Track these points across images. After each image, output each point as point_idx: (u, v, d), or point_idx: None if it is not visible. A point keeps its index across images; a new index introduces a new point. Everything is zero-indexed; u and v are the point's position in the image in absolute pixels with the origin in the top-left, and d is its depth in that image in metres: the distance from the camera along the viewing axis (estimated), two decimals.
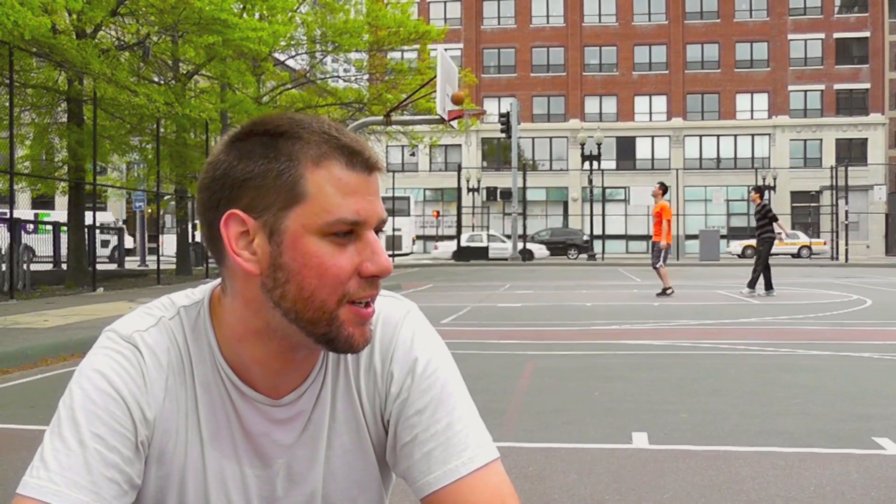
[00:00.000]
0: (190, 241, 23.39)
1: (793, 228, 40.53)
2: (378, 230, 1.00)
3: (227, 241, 0.97)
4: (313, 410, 1.08)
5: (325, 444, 1.09)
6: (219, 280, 1.08)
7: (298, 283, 0.96)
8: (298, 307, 0.97)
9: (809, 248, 37.77)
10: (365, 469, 1.11)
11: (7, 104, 14.78)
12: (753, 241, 41.49)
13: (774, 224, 14.84)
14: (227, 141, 1.01)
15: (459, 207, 38.76)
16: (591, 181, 36.88)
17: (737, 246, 41.66)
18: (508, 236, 38.56)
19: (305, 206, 0.96)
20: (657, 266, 14.61)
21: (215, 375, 1.05)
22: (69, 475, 0.96)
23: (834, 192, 35.35)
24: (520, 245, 35.98)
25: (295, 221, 0.96)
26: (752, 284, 14.90)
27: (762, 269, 14.76)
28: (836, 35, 51.49)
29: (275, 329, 1.00)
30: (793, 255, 37.17)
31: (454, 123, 20.90)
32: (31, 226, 24.29)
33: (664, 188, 14.68)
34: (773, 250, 16.37)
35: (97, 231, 21.47)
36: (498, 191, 49.30)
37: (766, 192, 15.29)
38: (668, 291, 14.36)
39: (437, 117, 20.10)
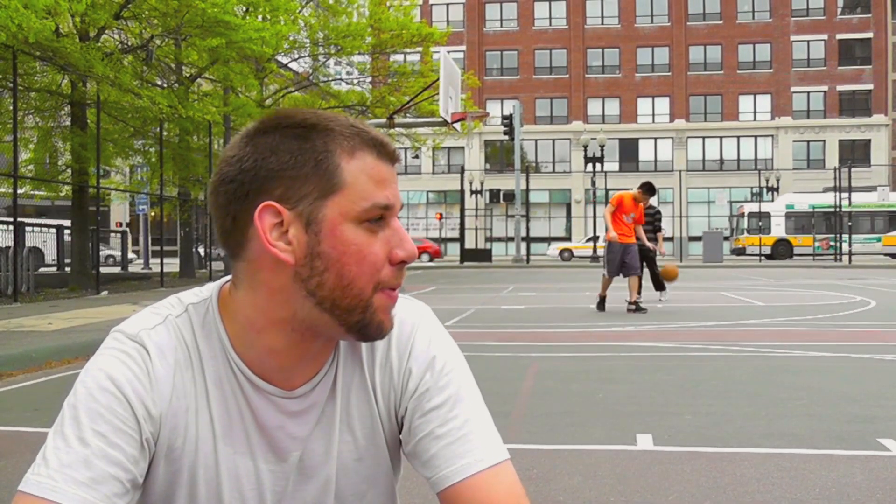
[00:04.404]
0: (194, 244, 23.44)
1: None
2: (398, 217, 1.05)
3: (262, 232, 0.98)
4: (326, 403, 1.09)
5: (338, 438, 1.09)
6: (227, 278, 1.09)
7: (338, 270, 0.98)
8: (336, 295, 0.99)
9: None
10: (376, 464, 1.12)
11: (11, 108, 14.81)
12: (573, 244, 41.75)
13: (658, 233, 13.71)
14: (251, 134, 1.03)
15: (462, 210, 38.80)
16: (594, 183, 36.89)
17: (553, 250, 42.07)
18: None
19: (343, 194, 0.99)
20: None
21: (227, 370, 1.06)
22: (69, 472, 0.96)
23: (837, 193, 35.32)
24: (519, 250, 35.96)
25: (333, 210, 0.98)
26: (660, 287, 13.98)
27: (657, 270, 13.88)
28: (838, 36, 51.50)
29: (301, 319, 1.02)
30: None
31: (457, 126, 20.94)
32: None
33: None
34: None
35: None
36: (501, 193, 49.34)
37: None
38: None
39: (440, 120, 20.13)
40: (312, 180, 0.98)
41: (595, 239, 41.37)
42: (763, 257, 37.75)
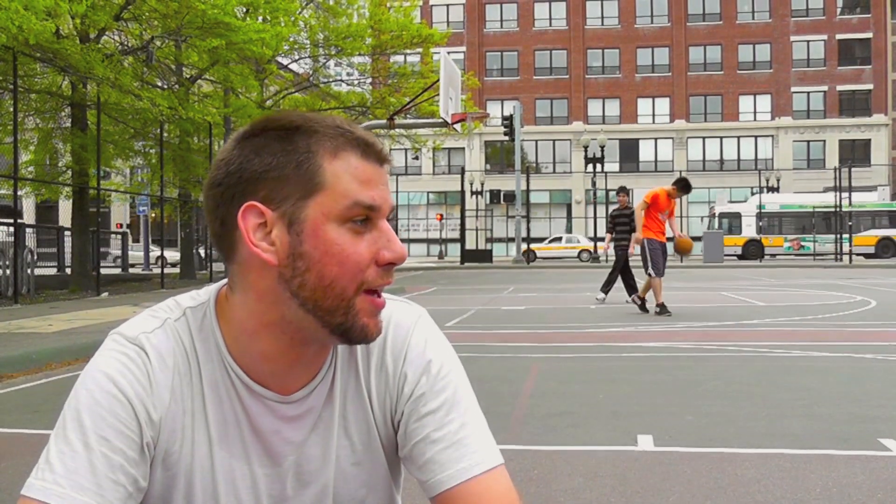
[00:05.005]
0: (194, 245, 23.45)
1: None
2: (388, 218, 1.03)
3: (245, 232, 0.99)
4: (323, 408, 1.09)
5: (336, 444, 1.09)
6: (224, 281, 1.09)
7: (319, 271, 0.98)
8: (318, 295, 0.98)
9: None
10: (373, 469, 1.12)
11: (11, 109, 14.82)
12: (536, 245, 40.90)
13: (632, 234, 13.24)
14: (239, 138, 1.03)
15: (463, 210, 38.80)
16: (594, 183, 36.89)
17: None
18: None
19: (325, 194, 0.98)
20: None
21: (223, 374, 1.06)
22: (74, 478, 0.96)
23: (837, 193, 35.34)
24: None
25: (315, 210, 0.98)
26: (605, 290, 13.76)
27: (619, 273, 13.66)
28: (838, 36, 51.50)
29: (289, 321, 1.01)
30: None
31: (457, 127, 20.93)
32: None
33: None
34: None
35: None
36: (501, 193, 49.30)
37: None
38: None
39: (440, 120, 20.11)
40: (294, 181, 0.98)
41: (559, 239, 41.07)
42: (735, 258, 37.79)
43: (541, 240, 44.33)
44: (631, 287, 13.75)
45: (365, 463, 1.11)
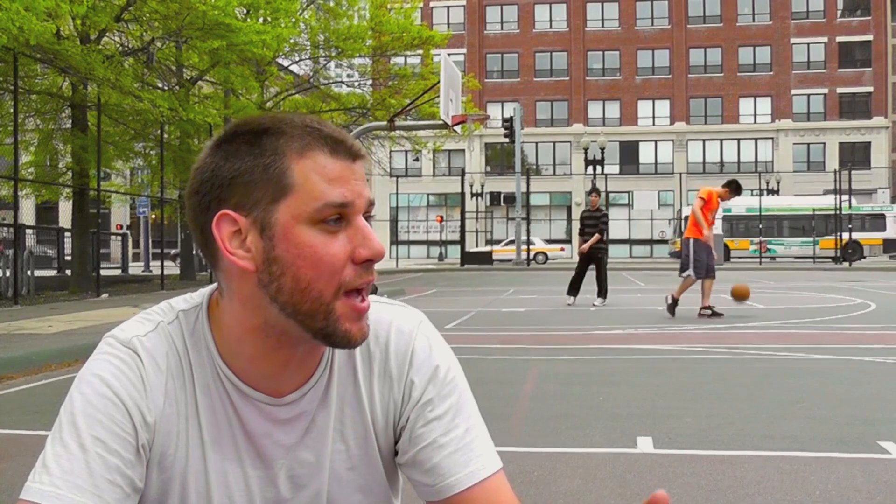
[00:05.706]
0: (194, 247, 23.44)
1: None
2: (367, 215, 1.01)
3: (220, 241, 0.98)
4: (317, 412, 1.08)
5: (330, 449, 1.09)
6: (216, 284, 1.09)
7: (294, 274, 0.97)
8: (295, 299, 0.97)
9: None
10: (369, 474, 1.11)
11: (12, 110, 14.83)
12: (494, 247, 40.45)
13: (596, 235, 13.47)
14: (213, 144, 1.02)
15: (463, 212, 38.79)
16: (594, 185, 36.88)
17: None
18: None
19: (294, 196, 0.97)
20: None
21: (215, 378, 1.06)
22: (71, 479, 0.96)
23: (837, 195, 35.35)
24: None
25: (285, 213, 0.97)
26: (604, 294, 13.75)
27: (604, 275, 13.77)
28: (838, 39, 51.52)
29: (273, 325, 1.01)
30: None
31: (458, 128, 20.93)
32: None
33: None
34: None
35: None
36: (501, 195, 49.33)
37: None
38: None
39: (440, 122, 20.11)
40: (263, 185, 0.97)
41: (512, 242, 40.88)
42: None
43: (544, 242, 44.23)
44: (574, 289, 13.78)
45: (360, 468, 1.11)
